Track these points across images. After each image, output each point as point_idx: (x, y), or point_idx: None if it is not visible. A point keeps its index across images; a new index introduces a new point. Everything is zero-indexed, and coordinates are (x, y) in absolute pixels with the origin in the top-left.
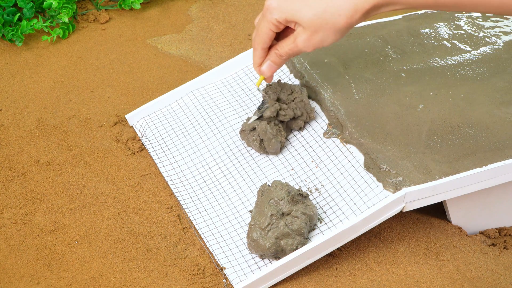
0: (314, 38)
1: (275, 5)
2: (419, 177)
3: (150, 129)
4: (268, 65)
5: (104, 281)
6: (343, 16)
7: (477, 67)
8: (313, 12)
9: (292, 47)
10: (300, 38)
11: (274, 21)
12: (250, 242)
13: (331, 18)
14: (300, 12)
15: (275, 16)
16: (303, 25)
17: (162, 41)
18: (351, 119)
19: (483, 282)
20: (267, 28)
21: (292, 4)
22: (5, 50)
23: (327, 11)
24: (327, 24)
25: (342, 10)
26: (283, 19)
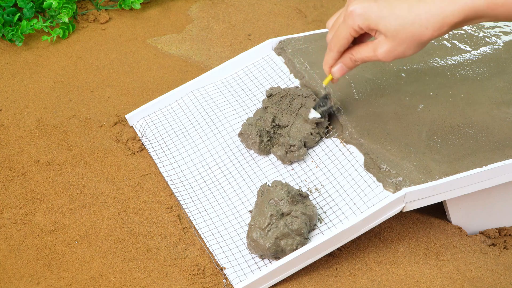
0: (396, 50)
1: (360, 12)
2: (419, 177)
3: (150, 129)
4: (340, 67)
5: (104, 281)
6: (430, 29)
7: (477, 67)
8: (399, 23)
9: (371, 56)
10: (382, 49)
11: (357, 27)
12: (250, 242)
13: (418, 30)
14: (385, 21)
15: (358, 23)
16: (387, 35)
17: (162, 41)
18: (351, 119)
19: (483, 282)
20: (347, 33)
21: (378, 12)
22: (5, 50)
23: (414, 23)
24: (413, 36)
25: (430, 23)
26: (365, 26)
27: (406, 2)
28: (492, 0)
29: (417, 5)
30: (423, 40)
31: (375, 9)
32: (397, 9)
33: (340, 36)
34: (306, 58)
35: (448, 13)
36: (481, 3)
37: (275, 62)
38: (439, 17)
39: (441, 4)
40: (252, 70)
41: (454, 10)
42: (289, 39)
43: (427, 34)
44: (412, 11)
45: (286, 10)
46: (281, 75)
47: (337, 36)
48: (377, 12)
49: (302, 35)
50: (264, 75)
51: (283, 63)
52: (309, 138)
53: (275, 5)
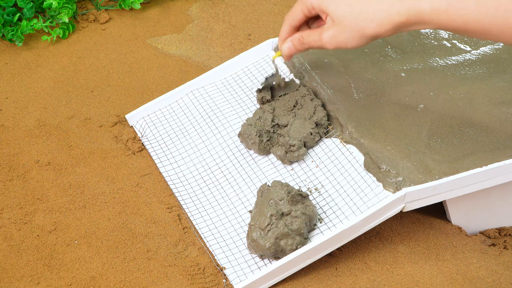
0: (339, 36)
1: None
2: (419, 177)
3: (150, 129)
4: (288, 46)
5: (104, 281)
6: (374, 23)
7: (477, 67)
8: (348, 10)
9: (316, 40)
10: (327, 33)
11: (309, 4)
12: (250, 242)
13: (363, 22)
14: (336, 6)
15: (311, 1)
16: (334, 20)
17: (162, 41)
18: (351, 119)
19: (483, 282)
20: (300, 9)
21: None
22: (5, 50)
23: (361, 13)
24: (357, 26)
25: (375, 17)
26: (317, 5)
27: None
28: (436, 6)
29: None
30: (366, 33)
31: None
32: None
33: (293, 10)
34: (306, 58)
35: (393, 10)
36: (426, 6)
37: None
38: (385, 13)
39: (390, 1)
40: (252, 70)
41: (400, 9)
42: None
43: (370, 28)
44: (362, 2)
45: (286, 10)
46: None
47: (291, 10)
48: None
49: None
50: (264, 75)
51: (283, 63)
52: (309, 138)
53: (275, 5)
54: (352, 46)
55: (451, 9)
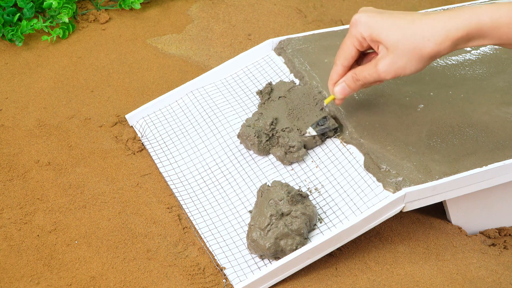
0: (397, 63)
1: (363, 20)
2: (419, 177)
3: (150, 129)
4: (341, 87)
5: (104, 281)
6: (432, 42)
7: (477, 67)
8: (402, 33)
9: (372, 72)
10: (383, 62)
11: (359, 36)
12: (249, 242)
13: (420, 42)
14: (387, 31)
15: (361, 31)
16: (388, 47)
17: (162, 41)
18: (351, 119)
19: (483, 282)
20: (351, 43)
21: (381, 22)
22: (5, 50)
23: (416, 34)
24: (415, 48)
25: (431, 35)
26: (368, 35)
27: (411, 15)
28: (497, 19)
29: (421, 18)
30: (425, 53)
31: (378, 18)
32: (400, 21)
33: (345, 47)
34: (306, 58)
35: (451, 26)
36: (486, 20)
37: (275, 62)
38: (442, 30)
39: (445, 18)
40: (252, 70)
41: (458, 24)
42: (289, 39)
43: (429, 47)
44: (414, 23)
45: (286, 10)
46: (281, 75)
47: (342, 48)
48: (380, 21)
49: (302, 35)
50: (264, 75)
51: (283, 63)
52: (310, 141)
53: (275, 5)
54: (411, 71)
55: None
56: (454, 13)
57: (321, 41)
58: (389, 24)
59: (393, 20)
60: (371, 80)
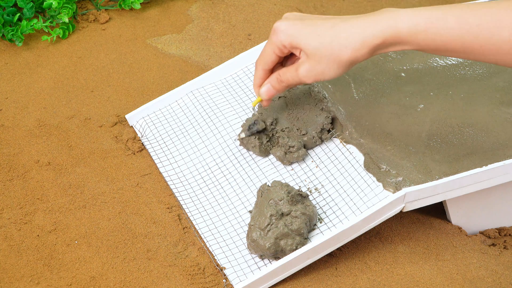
0: (316, 69)
1: (283, 28)
2: (419, 177)
3: (150, 129)
4: (267, 88)
5: (104, 281)
6: (349, 48)
7: (477, 67)
8: (320, 41)
9: (294, 76)
10: (303, 67)
11: (279, 44)
12: (249, 242)
13: (337, 49)
14: (306, 39)
15: (280, 39)
16: (307, 53)
17: (162, 41)
18: (351, 119)
19: (483, 282)
20: (271, 49)
21: (301, 29)
22: (5, 50)
23: (333, 42)
24: (332, 55)
25: (348, 42)
26: (288, 43)
27: (331, 21)
28: (415, 26)
29: (339, 24)
30: (342, 60)
31: (298, 26)
32: (320, 27)
33: (264, 53)
34: None
35: (368, 33)
36: (403, 26)
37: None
38: (359, 36)
39: (362, 25)
40: (252, 70)
41: (375, 32)
42: None
43: (346, 54)
44: (333, 29)
45: (286, 10)
46: None
47: (262, 54)
48: (300, 29)
49: None
50: None
51: None
52: (310, 141)
53: (275, 5)
54: (330, 76)
55: (430, 28)
56: (372, 19)
57: None
58: (308, 31)
59: (312, 28)
60: (294, 83)
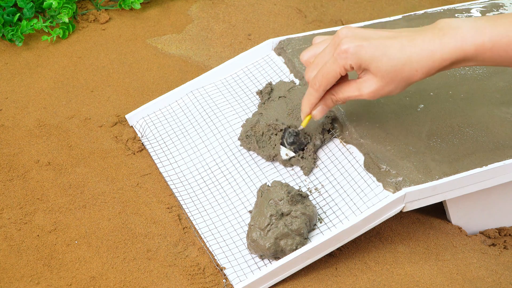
0: (384, 89)
1: (353, 51)
2: (419, 177)
3: (150, 129)
4: (321, 109)
5: (104, 281)
6: (420, 72)
7: (477, 67)
8: (392, 64)
9: (356, 95)
10: (369, 88)
11: (347, 66)
12: (249, 242)
13: (409, 72)
14: (378, 62)
15: (350, 62)
16: (377, 75)
17: (162, 41)
18: (351, 119)
19: (483, 282)
20: (337, 72)
21: (371, 53)
22: (5, 50)
23: (406, 65)
24: (403, 77)
25: (420, 66)
26: (356, 65)
27: (398, 41)
28: (481, 45)
29: (409, 46)
30: (412, 81)
31: (368, 49)
32: (390, 50)
33: (329, 75)
34: None
35: (437, 57)
36: (469, 48)
37: (275, 62)
38: (429, 61)
39: (431, 48)
40: (252, 70)
41: (443, 55)
42: (289, 39)
43: (417, 76)
44: (404, 52)
45: (286, 10)
46: (281, 75)
47: (325, 76)
48: (370, 52)
49: (302, 35)
50: (264, 75)
51: (283, 63)
52: None
53: (275, 5)
54: (396, 93)
55: (496, 46)
56: (438, 41)
57: None
58: (379, 54)
59: (382, 50)
60: (352, 99)
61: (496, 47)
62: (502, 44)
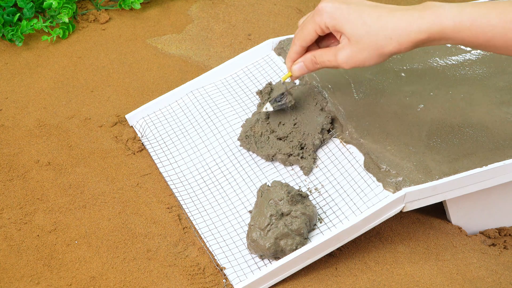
0: (357, 56)
1: (329, 10)
2: (419, 177)
3: (150, 129)
4: (300, 66)
5: (104, 281)
6: (394, 41)
7: (477, 67)
8: (365, 29)
9: (331, 60)
10: (343, 54)
11: (323, 25)
12: (249, 242)
13: (382, 40)
14: (352, 25)
15: (325, 21)
16: (351, 40)
17: (162, 41)
18: (351, 119)
19: (483, 282)
20: (312, 29)
21: (347, 15)
22: (5, 50)
23: (379, 33)
24: (376, 45)
25: (394, 35)
26: (331, 26)
27: (377, 11)
28: (459, 23)
29: (386, 16)
30: (385, 51)
31: (345, 11)
32: (366, 16)
33: (305, 31)
34: None
35: (413, 28)
36: (448, 23)
37: (275, 62)
38: (405, 31)
39: (409, 19)
40: (252, 70)
41: (421, 27)
42: (289, 39)
43: (390, 46)
44: (380, 20)
45: (286, 10)
46: (281, 75)
47: (302, 31)
48: (346, 14)
49: None
50: (264, 75)
51: (283, 63)
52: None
53: (275, 5)
54: (369, 65)
55: (474, 25)
56: (418, 14)
57: None
58: (354, 17)
59: (359, 15)
60: (329, 66)
61: (474, 26)
62: (480, 24)
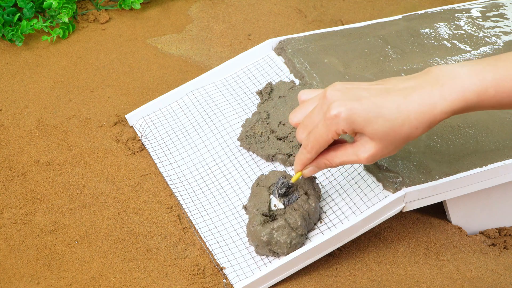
0: (383, 152)
1: (344, 116)
2: (419, 177)
3: (150, 129)
4: (312, 169)
5: (104, 281)
6: (420, 128)
7: None
8: (389, 126)
9: (353, 160)
10: (367, 151)
11: (340, 131)
12: (247, 232)
13: (407, 130)
14: (373, 125)
15: (342, 127)
16: (375, 139)
17: (162, 41)
18: None
19: (483, 282)
20: (329, 137)
21: (365, 114)
22: (5, 50)
23: (404, 125)
24: (402, 137)
25: (419, 123)
26: (350, 130)
27: (393, 99)
28: (484, 93)
29: (405, 103)
30: (412, 138)
31: (360, 111)
32: (385, 110)
33: (321, 139)
34: (306, 58)
35: (437, 111)
36: (471, 96)
37: (275, 62)
38: (429, 116)
39: (430, 101)
40: (252, 70)
41: (444, 108)
42: (289, 39)
43: (417, 133)
44: (401, 111)
45: (286, 10)
46: (281, 75)
47: (317, 140)
48: (363, 115)
49: (302, 35)
50: (264, 75)
51: (283, 63)
52: None
53: (275, 5)
54: (394, 153)
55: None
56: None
57: (321, 41)
58: (373, 116)
59: (377, 111)
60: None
61: (499, 92)
62: (505, 89)
